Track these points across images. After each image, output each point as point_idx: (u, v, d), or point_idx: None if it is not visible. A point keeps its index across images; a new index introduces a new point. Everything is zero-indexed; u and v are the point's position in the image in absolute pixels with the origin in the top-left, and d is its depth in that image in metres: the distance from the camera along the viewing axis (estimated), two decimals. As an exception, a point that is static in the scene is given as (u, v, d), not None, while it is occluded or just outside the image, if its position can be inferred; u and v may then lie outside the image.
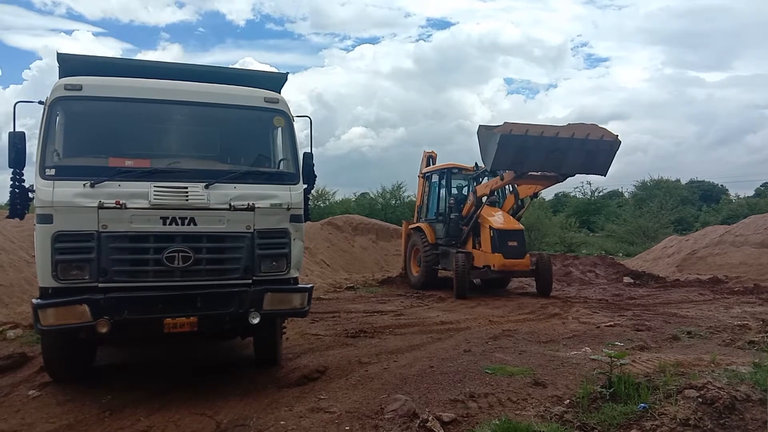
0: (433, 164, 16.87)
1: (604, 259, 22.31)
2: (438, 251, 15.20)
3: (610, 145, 12.29)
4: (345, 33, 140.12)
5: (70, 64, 6.15)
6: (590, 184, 51.96)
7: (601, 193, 53.56)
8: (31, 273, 10.21)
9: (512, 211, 15.02)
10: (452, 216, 14.98)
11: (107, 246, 5.32)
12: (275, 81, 6.88)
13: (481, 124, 12.80)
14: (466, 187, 16.00)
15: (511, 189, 15.08)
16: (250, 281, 5.82)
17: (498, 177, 13.90)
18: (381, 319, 10.85)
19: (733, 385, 4.90)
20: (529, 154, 12.05)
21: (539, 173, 13.05)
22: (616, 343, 7.19)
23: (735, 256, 18.53)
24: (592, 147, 12.12)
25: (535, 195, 14.98)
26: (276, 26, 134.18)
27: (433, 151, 17.42)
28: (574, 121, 14.20)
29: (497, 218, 14.26)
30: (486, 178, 15.14)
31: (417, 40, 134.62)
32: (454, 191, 15.78)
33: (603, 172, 12.69)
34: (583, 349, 7.80)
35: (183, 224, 5.56)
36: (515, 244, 13.74)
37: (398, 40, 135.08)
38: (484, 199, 14.54)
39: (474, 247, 14.49)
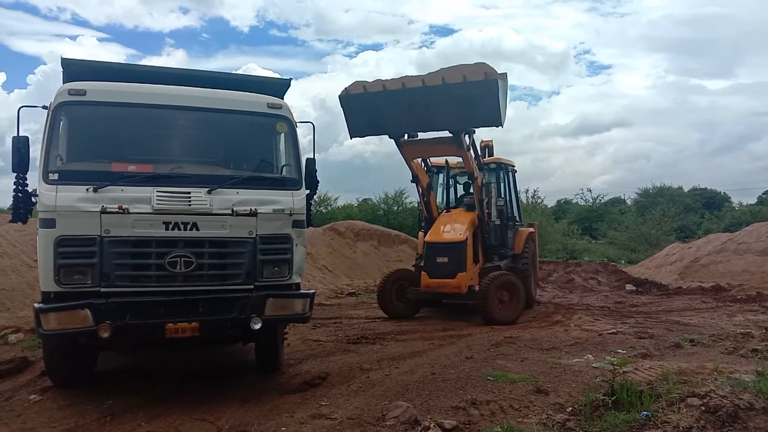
0: (488, 155, 14.17)
1: (607, 266, 22.30)
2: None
3: (484, 86, 9.84)
4: (348, 39, 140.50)
5: (74, 69, 6.19)
6: (590, 191, 52.13)
7: (603, 200, 53.67)
8: (34, 277, 10.22)
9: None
10: (423, 225, 13.17)
11: (110, 251, 5.33)
12: (278, 87, 6.90)
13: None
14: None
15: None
16: (252, 287, 5.82)
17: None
18: (382, 325, 10.83)
19: (736, 394, 4.88)
20: (384, 114, 10.63)
21: (431, 138, 11.46)
22: (619, 350, 7.16)
23: (737, 263, 18.50)
24: (459, 93, 9.95)
25: (471, 177, 11.89)
26: (280, 32, 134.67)
27: (490, 141, 14.59)
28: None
29: (439, 227, 11.96)
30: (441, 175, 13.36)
31: (420, 47, 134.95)
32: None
33: (495, 122, 10.27)
34: (586, 357, 7.78)
35: (185, 229, 5.57)
36: (444, 260, 11.18)
37: (401, 47, 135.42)
38: (463, 199, 12.80)
39: None
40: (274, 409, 5.66)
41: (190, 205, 5.58)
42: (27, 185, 5.81)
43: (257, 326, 5.74)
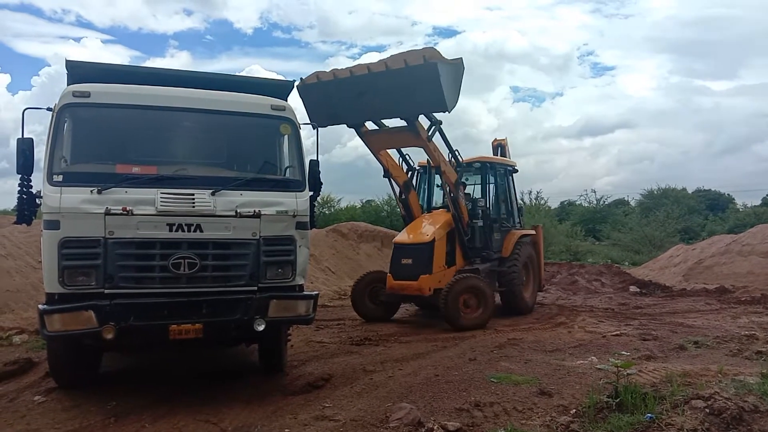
0: (500, 155, 13.92)
1: (610, 267, 22.25)
2: None
3: (424, 70, 9.68)
4: (352, 41, 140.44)
5: (78, 71, 6.19)
6: (595, 192, 52.03)
7: (607, 202, 53.57)
8: (38, 278, 10.24)
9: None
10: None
11: (114, 252, 5.34)
12: (282, 89, 6.91)
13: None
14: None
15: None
16: (256, 288, 5.82)
17: None
18: (386, 326, 10.83)
19: (740, 396, 4.87)
20: (337, 103, 10.75)
21: (390, 128, 11.41)
22: (623, 352, 7.17)
23: (742, 265, 18.44)
24: (402, 78, 9.92)
25: (437, 169, 11.62)
26: (283, 34, 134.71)
27: (503, 140, 14.19)
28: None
29: (411, 228, 11.88)
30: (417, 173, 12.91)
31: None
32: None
33: (440, 107, 10.11)
34: (590, 359, 7.77)
35: (189, 231, 5.58)
36: (409, 261, 10.87)
37: (405, 48, 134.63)
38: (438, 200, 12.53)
39: None
40: (277, 411, 5.67)
41: (193, 206, 5.59)
42: (31, 187, 5.84)
43: (261, 328, 5.75)
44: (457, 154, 11.79)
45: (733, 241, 20.71)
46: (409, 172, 12.49)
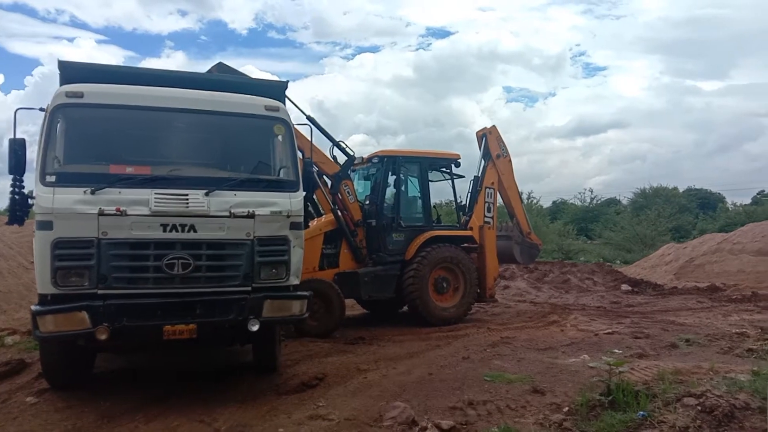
0: (485, 145, 12.49)
1: (602, 266, 22.29)
2: None
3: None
4: (346, 42, 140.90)
5: (71, 72, 6.15)
6: (591, 191, 52.29)
7: (599, 201, 53.79)
8: (30, 279, 10.22)
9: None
10: None
11: (107, 253, 5.32)
12: (276, 89, 6.90)
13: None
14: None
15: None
16: (250, 288, 5.82)
17: None
18: (379, 326, 10.82)
19: (732, 393, 4.91)
20: None
21: None
22: (615, 350, 7.18)
23: (733, 263, 18.57)
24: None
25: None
26: (278, 35, 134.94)
27: (489, 130, 12.58)
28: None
29: None
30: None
31: (417, 49, 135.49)
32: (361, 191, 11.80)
33: None
34: (582, 357, 7.80)
35: (183, 231, 5.57)
36: None
37: (398, 49, 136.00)
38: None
39: None
40: (271, 410, 5.67)
41: (187, 207, 5.58)
42: (23, 187, 5.81)
43: (255, 328, 5.74)
44: (343, 145, 10.78)
45: (723, 239, 20.84)
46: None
